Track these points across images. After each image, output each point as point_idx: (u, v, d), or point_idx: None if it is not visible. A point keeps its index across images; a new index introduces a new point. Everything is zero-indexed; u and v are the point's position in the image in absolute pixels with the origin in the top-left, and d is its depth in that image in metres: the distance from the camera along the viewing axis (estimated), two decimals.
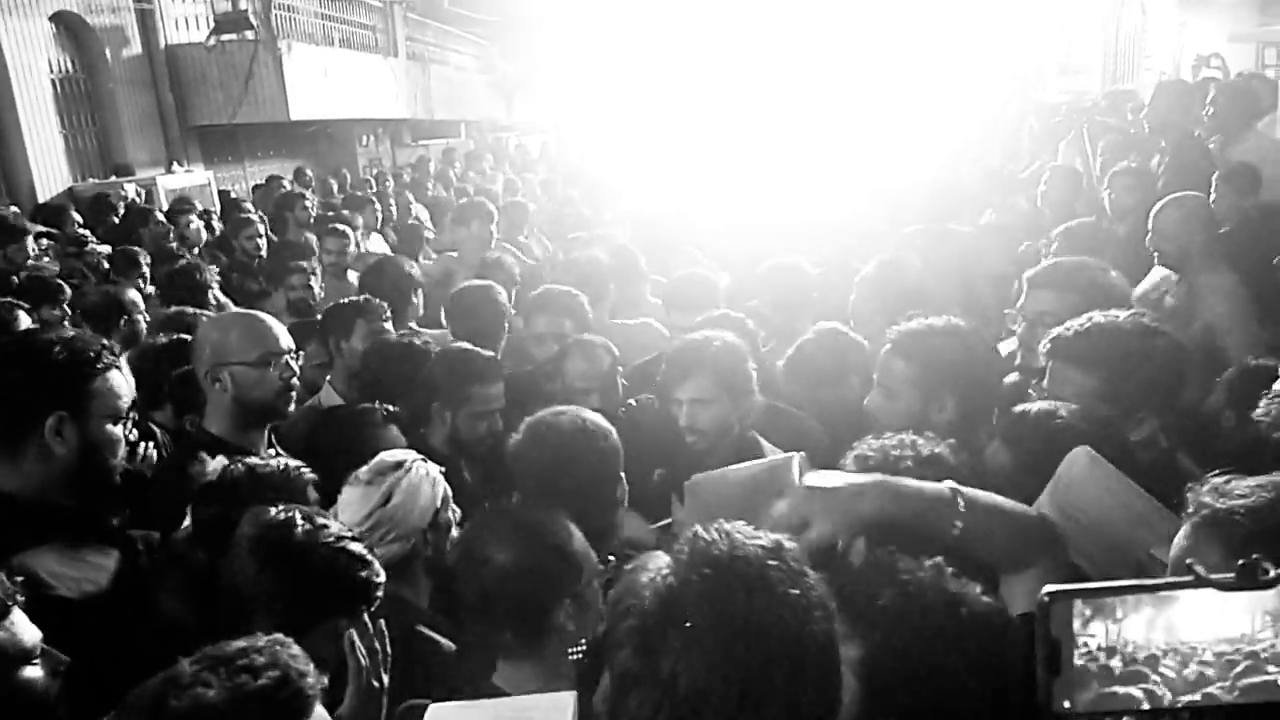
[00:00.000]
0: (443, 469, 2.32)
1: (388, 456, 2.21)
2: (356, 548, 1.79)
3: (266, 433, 2.66)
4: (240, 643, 1.24)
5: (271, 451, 2.65)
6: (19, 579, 1.57)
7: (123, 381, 2.08)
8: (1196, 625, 1.04)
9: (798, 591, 1.09)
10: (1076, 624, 1.05)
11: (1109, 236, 4.31)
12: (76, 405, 1.99)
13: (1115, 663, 1.05)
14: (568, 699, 1.38)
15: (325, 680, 1.34)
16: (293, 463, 2.18)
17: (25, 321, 3.94)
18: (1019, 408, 2.13)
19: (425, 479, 2.17)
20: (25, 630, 1.53)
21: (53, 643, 1.59)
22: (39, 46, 11.26)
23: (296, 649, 1.27)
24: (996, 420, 2.25)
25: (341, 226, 6.24)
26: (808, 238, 5.41)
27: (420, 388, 2.96)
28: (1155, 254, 3.77)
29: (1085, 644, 1.05)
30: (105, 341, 2.09)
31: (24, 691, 1.50)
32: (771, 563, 1.10)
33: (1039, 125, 8.55)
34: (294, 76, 13.91)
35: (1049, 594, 1.06)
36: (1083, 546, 1.70)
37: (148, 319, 4.35)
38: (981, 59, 19.72)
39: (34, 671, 1.53)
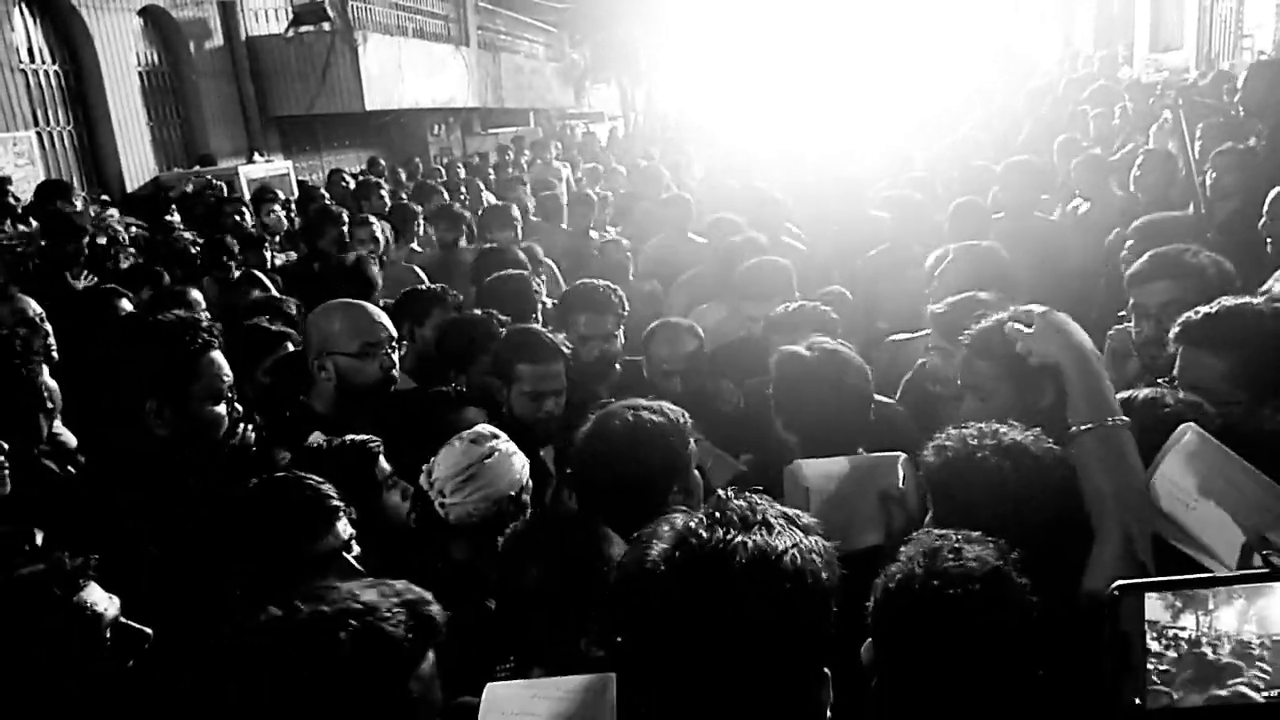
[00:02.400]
0: None
1: (486, 427, 2.23)
2: None
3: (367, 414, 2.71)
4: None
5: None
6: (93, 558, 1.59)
7: (222, 362, 2.14)
8: None
9: None
10: (1166, 616, 1.02)
11: (1187, 226, 4.08)
12: (177, 387, 2.05)
13: (1207, 653, 1.02)
14: (609, 679, 1.44)
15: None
16: (361, 436, 2.23)
17: (127, 307, 4.04)
18: (1124, 394, 2.03)
19: (517, 456, 2.19)
20: (100, 602, 1.57)
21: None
22: (128, 41, 11.63)
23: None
24: None
25: (371, 218, 6.28)
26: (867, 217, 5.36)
27: (489, 368, 2.98)
28: (1268, 240, 3.60)
29: (1176, 635, 1.02)
30: (204, 322, 2.14)
31: (102, 657, 1.55)
32: None
33: (1133, 106, 8.21)
34: (369, 67, 14.15)
35: (1118, 588, 1.03)
36: (1186, 527, 1.62)
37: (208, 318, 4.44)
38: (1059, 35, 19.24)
39: (104, 647, 1.57)
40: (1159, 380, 2.29)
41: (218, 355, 2.13)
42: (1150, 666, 1.02)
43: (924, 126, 9.76)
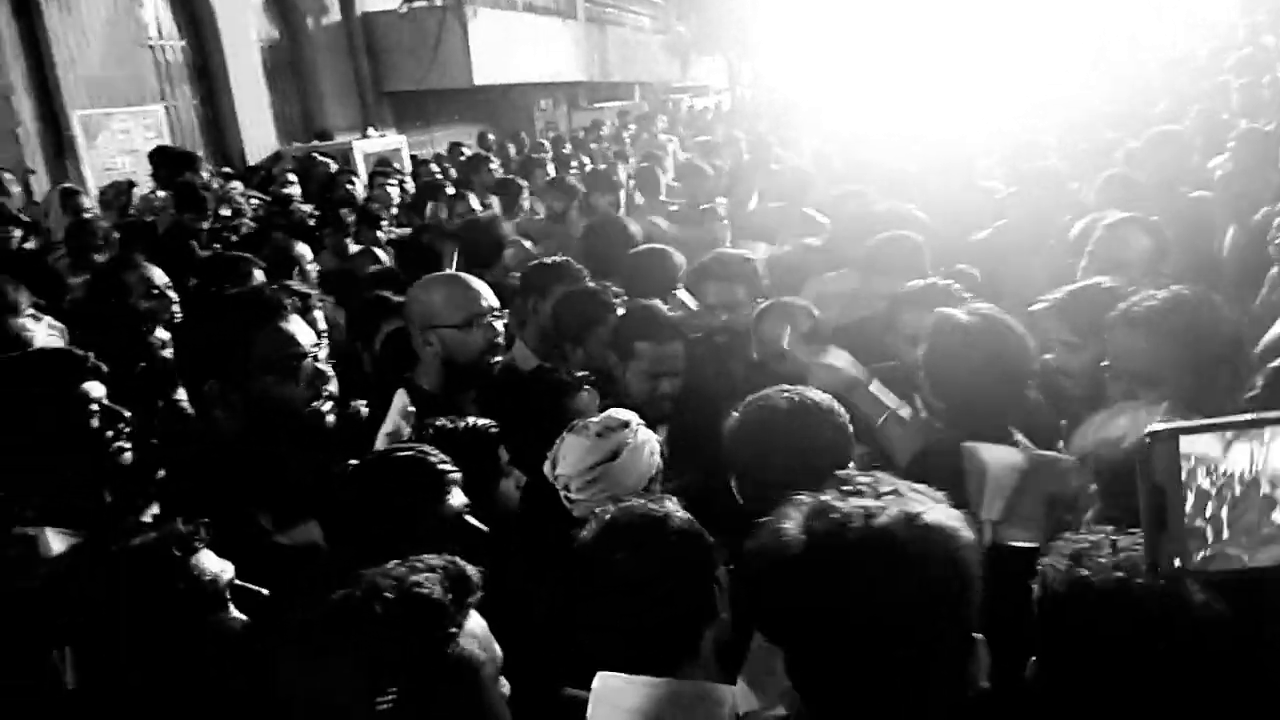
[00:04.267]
0: None
1: (617, 414, 2.14)
2: None
3: (474, 390, 2.71)
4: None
5: (474, 409, 2.68)
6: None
7: (294, 331, 2.07)
8: None
9: None
10: (1218, 450, 0.90)
11: None
12: (237, 366, 2.02)
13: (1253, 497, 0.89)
14: (729, 691, 1.43)
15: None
16: (482, 422, 2.18)
17: (259, 276, 4.01)
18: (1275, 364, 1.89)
19: (648, 443, 2.09)
20: (214, 568, 1.57)
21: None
22: (248, 17, 12.00)
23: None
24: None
25: (469, 193, 6.33)
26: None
27: (606, 342, 2.93)
28: None
29: (1227, 471, 0.90)
30: (280, 295, 2.10)
31: (218, 627, 1.55)
32: None
33: None
34: (478, 42, 14.27)
35: (1152, 433, 0.92)
36: None
37: (318, 269, 4.49)
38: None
39: (228, 610, 1.57)
40: None
41: (287, 325, 2.06)
42: (1199, 523, 0.91)
43: (1043, 104, 9.28)
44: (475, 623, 1.31)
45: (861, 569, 1.05)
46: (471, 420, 2.16)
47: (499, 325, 2.71)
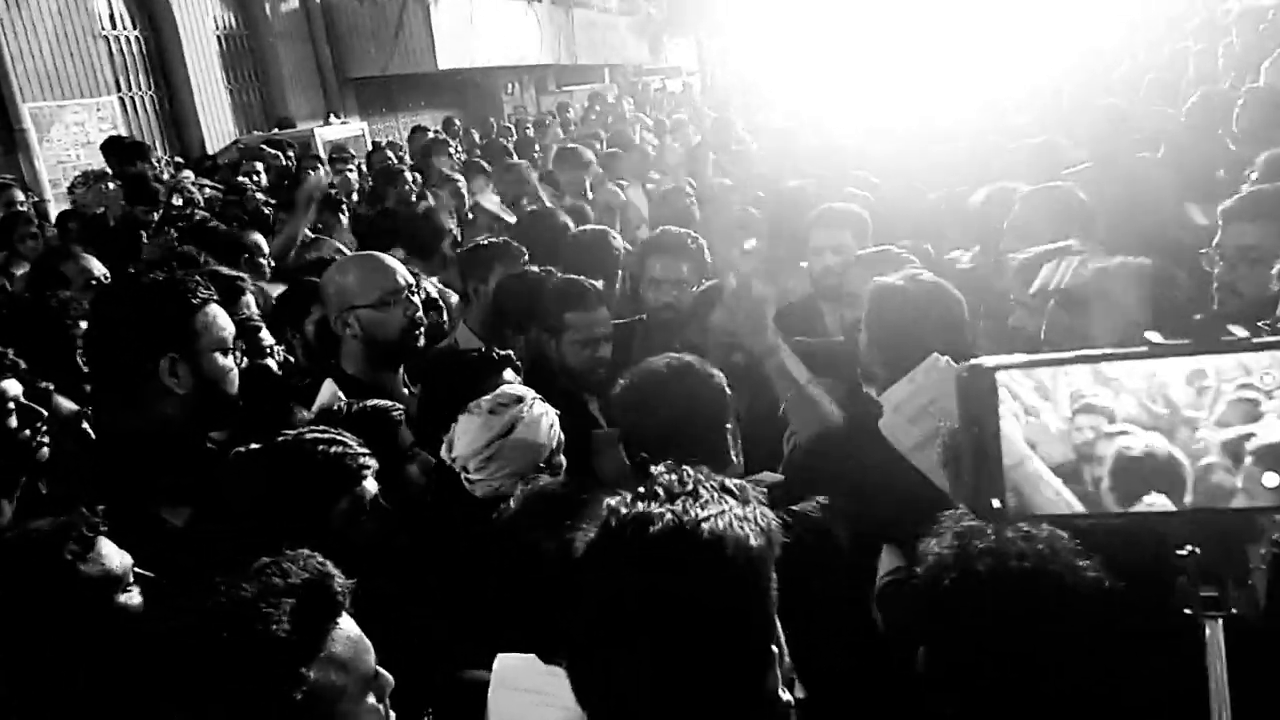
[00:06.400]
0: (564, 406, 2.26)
1: (509, 389, 2.14)
2: None
3: (400, 372, 2.71)
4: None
5: (406, 391, 2.70)
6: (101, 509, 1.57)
7: (222, 314, 2.09)
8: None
9: None
10: (1031, 387, 0.88)
11: None
12: (184, 343, 2.01)
13: (1052, 422, 0.88)
14: None
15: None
16: (385, 404, 2.16)
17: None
18: None
19: (545, 416, 2.08)
20: (114, 558, 1.55)
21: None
22: (205, 5, 11.81)
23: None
24: None
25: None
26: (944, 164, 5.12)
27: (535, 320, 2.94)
28: None
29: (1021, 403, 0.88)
30: (199, 278, 2.10)
31: (119, 616, 1.53)
32: None
33: (1240, 40, 7.54)
34: (441, 25, 14.12)
35: (968, 367, 0.90)
36: None
37: (271, 262, 4.45)
38: None
39: (128, 597, 1.55)
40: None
41: (216, 308, 2.08)
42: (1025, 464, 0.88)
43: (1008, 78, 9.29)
44: (341, 635, 1.25)
45: (625, 574, 1.01)
46: (373, 402, 2.14)
47: (416, 301, 2.66)
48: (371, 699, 1.29)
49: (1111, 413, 0.87)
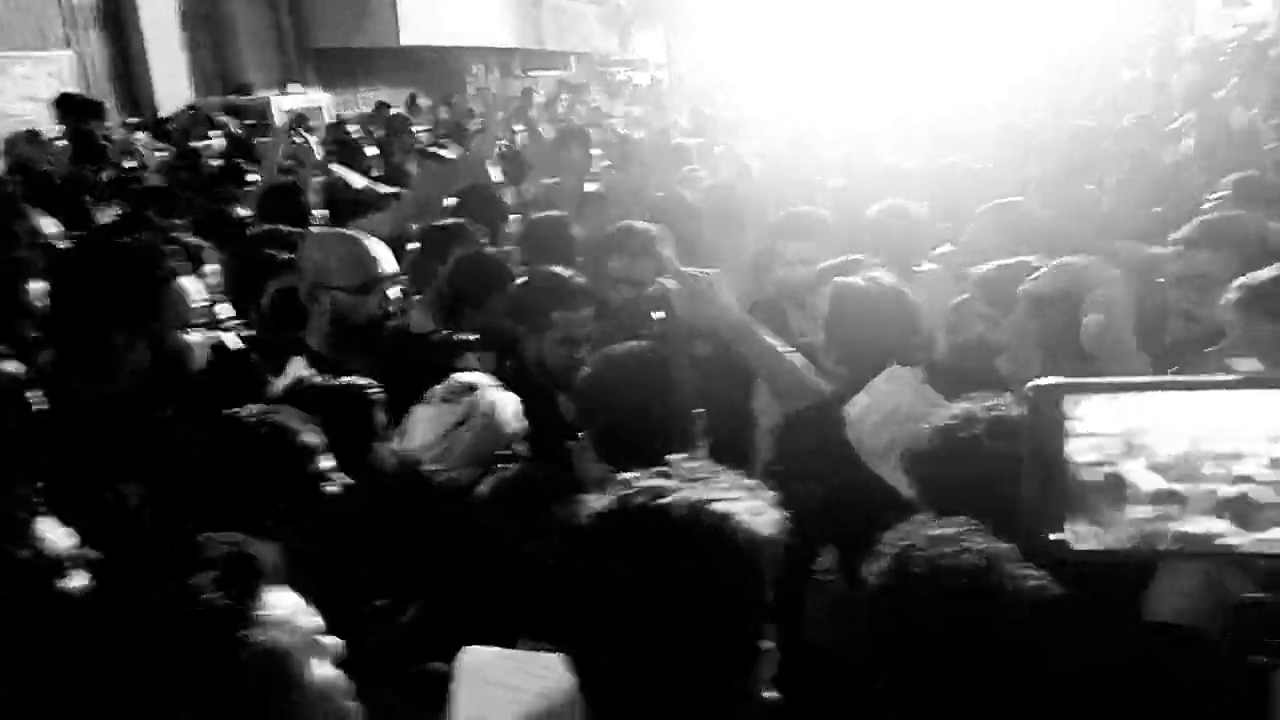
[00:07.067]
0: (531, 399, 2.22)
1: (461, 377, 2.11)
2: None
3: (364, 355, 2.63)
4: None
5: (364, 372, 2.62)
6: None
7: (191, 287, 2.03)
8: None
9: None
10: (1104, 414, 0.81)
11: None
12: (150, 318, 1.95)
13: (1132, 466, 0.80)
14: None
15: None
16: (361, 381, 2.12)
17: None
18: None
19: (499, 405, 2.05)
20: (54, 540, 1.49)
21: None
22: None
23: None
24: None
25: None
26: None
27: (505, 309, 2.88)
28: None
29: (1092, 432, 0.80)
30: (164, 249, 2.03)
31: (58, 602, 1.47)
32: None
33: (1197, 69, 7.73)
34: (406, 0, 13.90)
35: (1033, 387, 0.84)
36: None
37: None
38: None
39: (68, 581, 1.49)
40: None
41: (185, 282, 2.02)
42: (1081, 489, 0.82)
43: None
44: (273, 600, 1.21)
45: (634, 543, 1.02)
46: (348, 380, 2.10)
47: (395, 293, 2.61)
48: (336, 644, 1.26)
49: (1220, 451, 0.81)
